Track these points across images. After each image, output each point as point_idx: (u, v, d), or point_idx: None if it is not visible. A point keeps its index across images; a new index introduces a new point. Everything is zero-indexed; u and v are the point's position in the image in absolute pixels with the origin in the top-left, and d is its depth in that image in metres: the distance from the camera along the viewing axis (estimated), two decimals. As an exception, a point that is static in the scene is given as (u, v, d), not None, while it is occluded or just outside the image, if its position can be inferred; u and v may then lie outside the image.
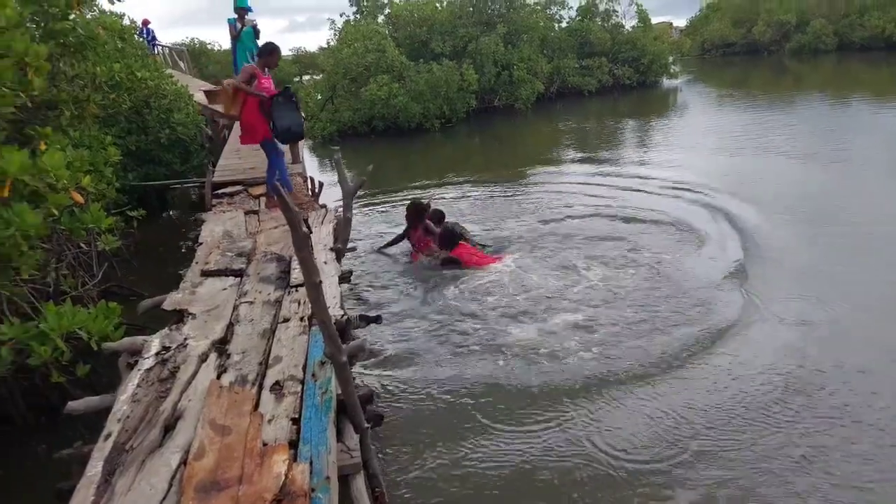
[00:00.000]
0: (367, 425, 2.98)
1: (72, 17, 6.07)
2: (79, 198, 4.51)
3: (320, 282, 2.68)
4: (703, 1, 54.35)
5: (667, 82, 29.33)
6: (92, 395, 4.66)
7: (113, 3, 7.28)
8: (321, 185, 8.04)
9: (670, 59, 29.25)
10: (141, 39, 14.79)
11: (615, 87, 26.92)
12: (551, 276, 6.81)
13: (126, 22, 11.93)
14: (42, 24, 5.81)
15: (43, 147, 4.70)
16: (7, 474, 3.99)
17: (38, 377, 4.55)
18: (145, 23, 19.02)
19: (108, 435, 2.62)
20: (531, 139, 18.60)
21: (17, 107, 4.55)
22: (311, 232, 5.74)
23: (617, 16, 27.91)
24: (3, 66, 4.19)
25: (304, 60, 44.63)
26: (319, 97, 21.04)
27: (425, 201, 7.84)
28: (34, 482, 3.96)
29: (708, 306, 5.86)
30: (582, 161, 14.09)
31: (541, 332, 5.53)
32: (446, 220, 7.59)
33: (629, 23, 28.44)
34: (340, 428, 2.91)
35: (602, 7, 27.55)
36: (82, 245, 5.62)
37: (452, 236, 7.08)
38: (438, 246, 7.18)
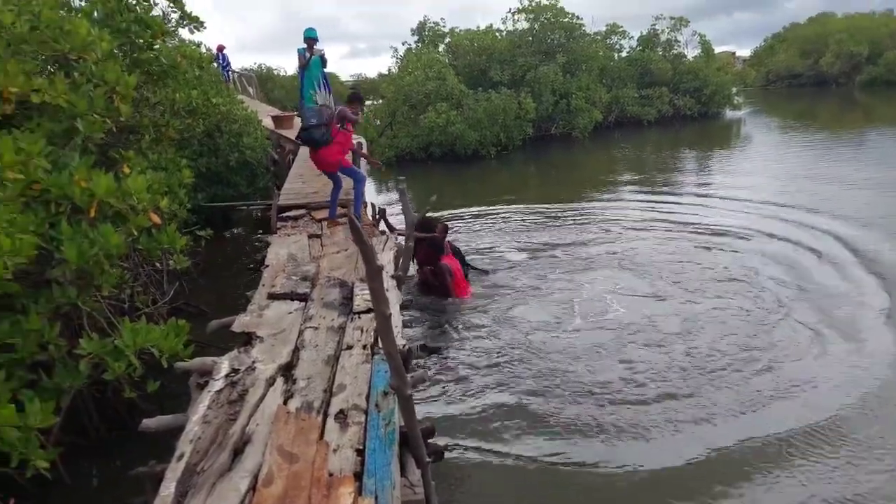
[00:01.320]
0: (428, 460, 2.96)
1: (156, 46, 6.43)
2: (156, 219, 4.71)
3: (390, 314, 2.70)
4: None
5: (729, 113, 28.76)
6: (159, 410, 4.82)
7: (193, 32, 7.70)
8: (382, 210, 8.16)
9: (733, 89, 28.67)
10: (216, 65, 15.42)
11: (675, 117, 26.57)
12: (627, 304, 6.64)
13: (202, 50, 12.53)
14: (129, 54, 6.17)
15: (126, 170, 4.94)
16: (78, 485, 4.12)
17: (111, 391, 4.74)
18: (220, 48, 19.51)
19: (181, 456, 2.69)
20: (589, 167, 18.48)
21: (105, 131, 4.83)
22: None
23: (679, 46, 27.64)
24: (97, 95, 4.45)
25: (363, 86, 45.94)
26: (379, 122, 21.50)
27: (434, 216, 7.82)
28: (101, 495, 4.09)
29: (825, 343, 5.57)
30: (642, 188, 14.06)
31: (620, 373, 5.26)
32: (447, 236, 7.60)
33: (691, 52, 28.13)
34: (402, 461, 2.89)
35: (664, 37, 27.34)
36: (157, 264, 5.85)
37: (439, 245, 7.04)
38: (424, 257, 7.17)
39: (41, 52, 4.33)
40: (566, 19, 23.45)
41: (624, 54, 27.44)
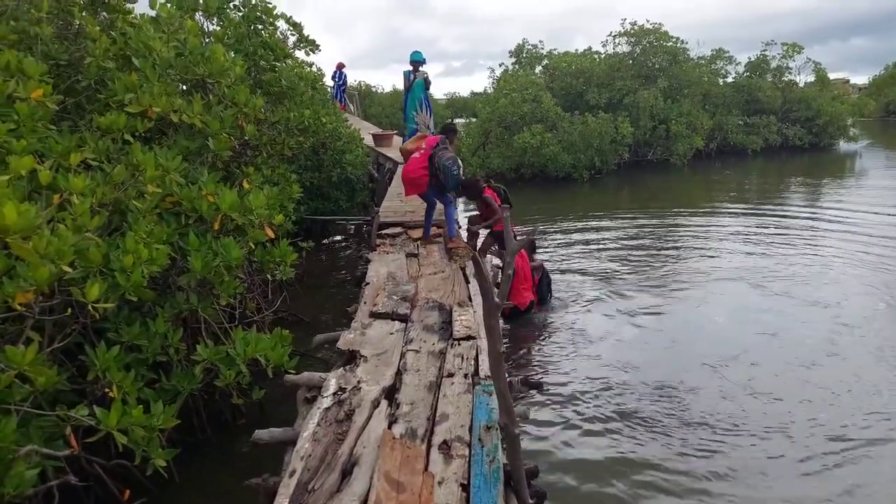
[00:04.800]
0: (531, 502, 2.91)
1: (277, 68, 6.79)
2: (271, 233, 4.95)
3: (504, 352, 2.69)
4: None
5: (844, 146, 26.88)
6: (260, 414, 5.03)
7: (309, 55, 8.09)
8: (476, 233, 8.17)
9: (849, 120, 26.82)
10: (332, 83, 16.13)
11: (783, 147, 25.16)
12: (753, 323, 6.36)
13: (315, 70, 13.14)
14: (253, 75, 6.55)
15: (246, 185, 5.23)
16: (185, 482, 4.34)
17: (218, 394, 4.98)
18: (340, 66, 19.70)
19: (293, 472, 2.77)
20: (689, 191, 17.79)
21: (230, 149, 5.15)
22: (468, 282, 5.87)
23: (790, 72, 26.22)
24: (227, 116, 4.75)
25: (456, 104, 46.73)
26: (471, 141, 21.69)
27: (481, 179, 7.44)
28: (206, 493, 4.29)
29: None
30: (748, 207, 13.68)
31: (761, 413, 4.85)
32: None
33: (804, 79, 26.63)
34: (505, 501, 2.85)
35: (774, 63, 26.04)
36: (269, 275, 6.13)
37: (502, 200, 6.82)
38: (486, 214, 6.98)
39: (183, 76, 4.68)
40: (670, 43, 22.84)
41: (730, 80, 26.35)
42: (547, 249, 10.18)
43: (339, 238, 12.06)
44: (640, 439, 4.59)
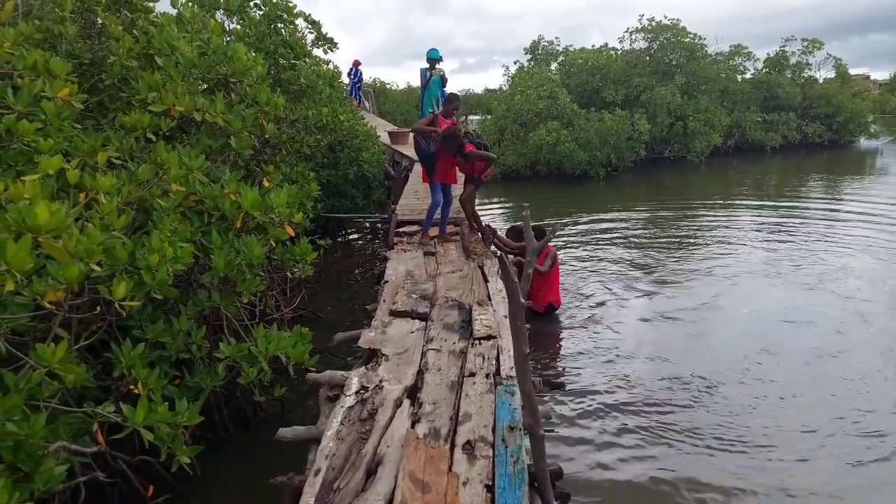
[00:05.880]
0: (555, 503, 2.90)
1: (296, 66, 6.81)
2: (291, 231, 4.96)
3: (529, 352, 2.68)
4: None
5: (864, 143, 26.53)
6: (280, 411, 5.06)
7: (326, 53, 8.10)
8: (494, 231, 8.15)
9: (870, 117, 26.45)
10: (347, 80, 16.24)
11: (802, 144, 24.85)
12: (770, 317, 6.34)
13: (331, 66, 13.17)
14: (272, 74, 6.57)
15: (266, 183, 5.25)
16: (207, 478, 4.38)
17: (239, 391, 5.02)
18: (356, 63, 19.81)
19: (318, 471, 2.78)
20: (706, 189, 17.65)
21: (251, 147, 5.17)
22: (487, 280, 5.86)
23: (810, 69, 25.88)
24: (248, 115, 4.77)
25: (470, 101, 46.68)
26: (486, 139, 21.63)
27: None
28: (227, 489, 4.33)
29: None
30: (769, 203, 13.60)
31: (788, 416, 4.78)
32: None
33: (823, 75, 26.29)
34: (529, 502, 2.84)
35: (793, 60, 25.70)
36: (289, 273, 6.15)
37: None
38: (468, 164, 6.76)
39: (206, 75, 4.70)
40: (687, 39, 22.62)
41: (748, 76, 26.06)
42: (564, 247, 10.14)
43: (355, 236, 12.10)
44: (664, 440, 4.56)
